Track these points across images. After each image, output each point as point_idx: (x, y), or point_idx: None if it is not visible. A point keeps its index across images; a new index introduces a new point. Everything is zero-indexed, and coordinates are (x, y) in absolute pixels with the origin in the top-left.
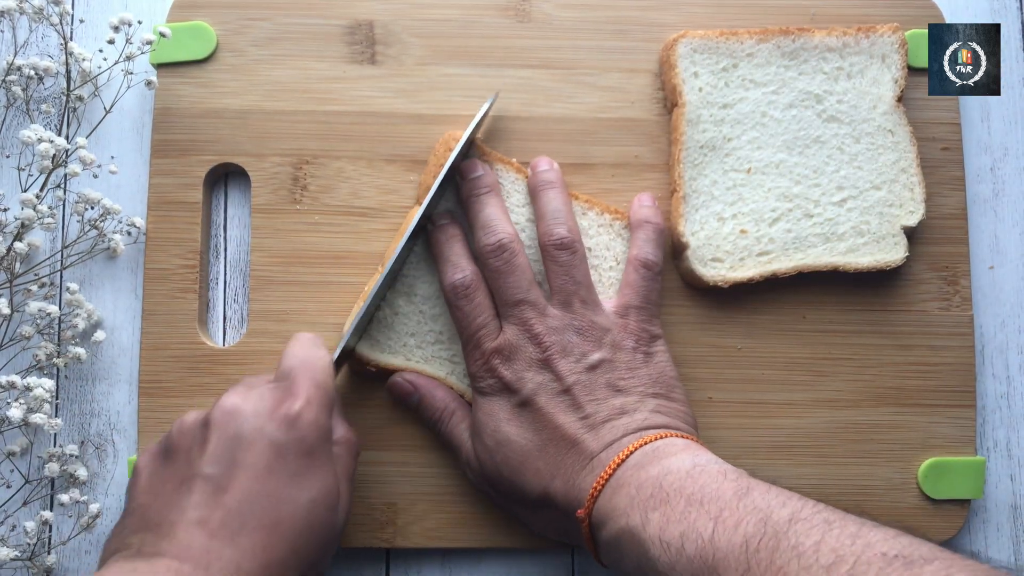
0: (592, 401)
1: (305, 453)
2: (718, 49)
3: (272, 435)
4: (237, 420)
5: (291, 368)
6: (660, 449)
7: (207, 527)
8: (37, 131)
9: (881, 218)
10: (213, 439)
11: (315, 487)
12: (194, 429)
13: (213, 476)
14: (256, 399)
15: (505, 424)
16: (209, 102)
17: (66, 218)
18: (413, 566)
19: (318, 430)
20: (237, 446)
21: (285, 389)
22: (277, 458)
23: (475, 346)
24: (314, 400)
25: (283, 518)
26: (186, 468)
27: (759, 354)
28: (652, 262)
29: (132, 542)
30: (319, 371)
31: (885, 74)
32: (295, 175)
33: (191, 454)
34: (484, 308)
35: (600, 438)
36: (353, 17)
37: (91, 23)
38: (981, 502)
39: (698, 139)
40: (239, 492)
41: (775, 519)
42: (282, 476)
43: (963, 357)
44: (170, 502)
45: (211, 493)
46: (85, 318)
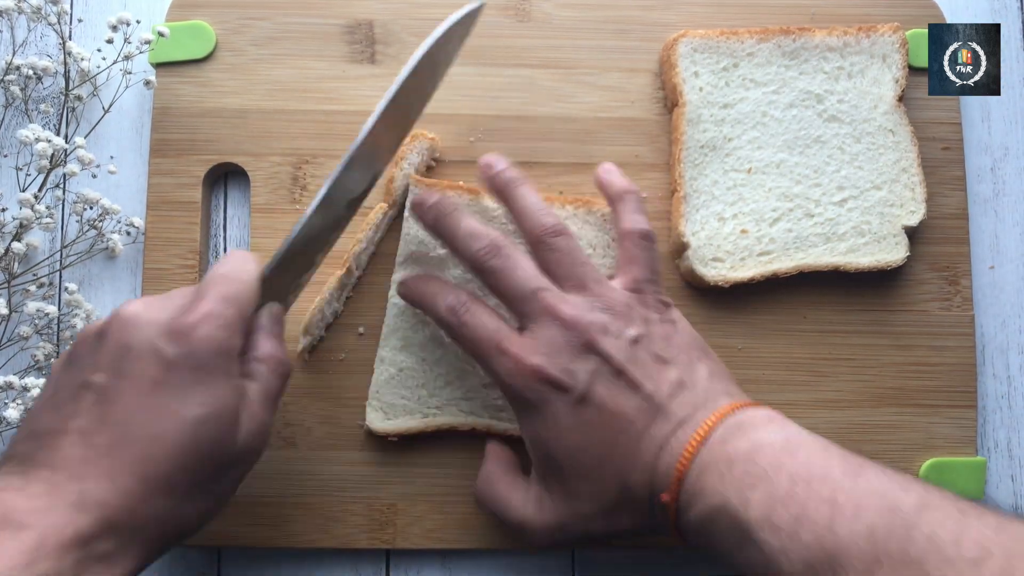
0: (648, 378)
1: (195, 368)
2: (719, 49)
3: (161, 348)
4: (129, 329)
5: (206, 280)
6: (743, 422)
7: (87, 437)
8: (36, 131)
9: (882, 218)
10: (106, 347)
11: (204, 405)
12: (91, 336)
13: (99, 386)
14: (158, 309)
15: (570, 433)
16: (208, 102)
17: (65, 218)
18: (413, 567)
19: (214, 344)
20: (126, 355)
21: (188, 302)
22: (165, 371)
23: (500, 352)
24: (214, 313)
25: (165, 433)
26: (79, 376)
27: (760, 354)
28: (647, 231)
29: (17, 451)
30: (235, 284)
31: (886, 74)
32: (295, 175)
33: (84, 361)
34: (490, 314)
35: (670, 417)
36: (353, 16)
37: (89, 23)
38: (982, 502)
39: (699, 139)
40: (122, 403)
41: (902, 506)
42: (168, 390)
43: (964, 357)
44: (58, 411)
45: (95, 403)
46: (84, 318)
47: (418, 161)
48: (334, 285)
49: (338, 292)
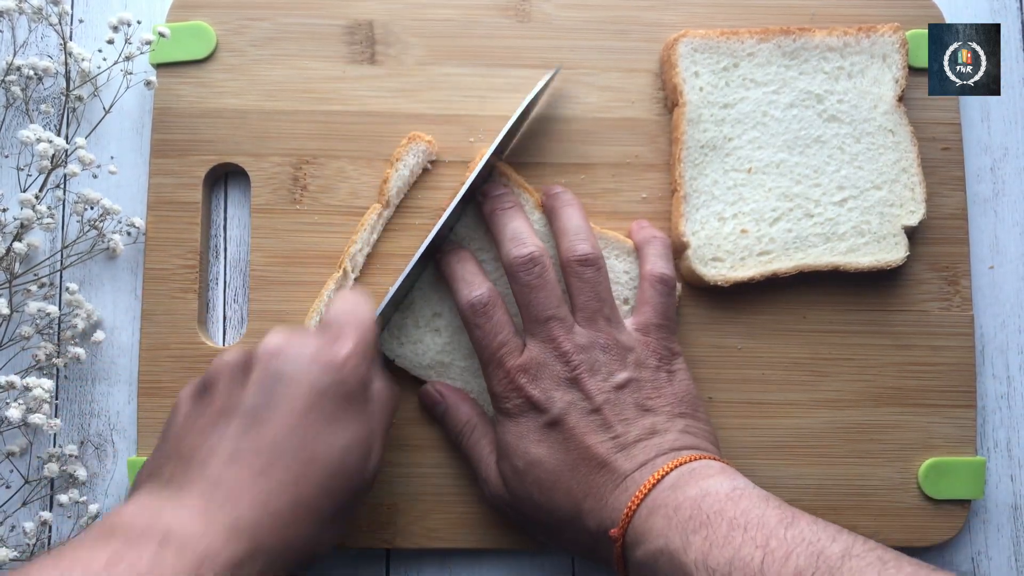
0: (622, 421)
1: (344, 398)
2: (719, 48)
3: (314, 376)
4: (280, 359)
5: (336, 317)
6: (696, 471)
7: (240, 460)
8: (36, 131)
9: (882, 218)
10: (255, 375)
11: (350, 433)
12: (235, 364)
13: (251, 410)
14: (300, 342)
15: (535, 445)
16: (209, 102)
17: (65, 218)
18: (413, 567)
19: (359, 378)
20: (278, 383)
21: (331, 336)
22: (317, 399)
23: (497, 365)
24: (358, 349)
25: (316, 457)
26: (224, 401)
27: (759, 354)
28: (668, 277)
29: (163, 471)
30: (364, 322)
31: (886, 74)
32: (295, 175)
33: (231, 388)
34: (504, 325)
35: (632, 458)
36: (353, 17)
37: (90, 23)
38: (981, 502)
39: (699, 139)
40: (275, 428)
41: (828, 554)
42: (320, 417)
43: (963, 357)
44: (205, 434)
45: (247, 427)
46: (84, 318)
47: (414, 163)
48: (331, 287)
49: (335, 293)
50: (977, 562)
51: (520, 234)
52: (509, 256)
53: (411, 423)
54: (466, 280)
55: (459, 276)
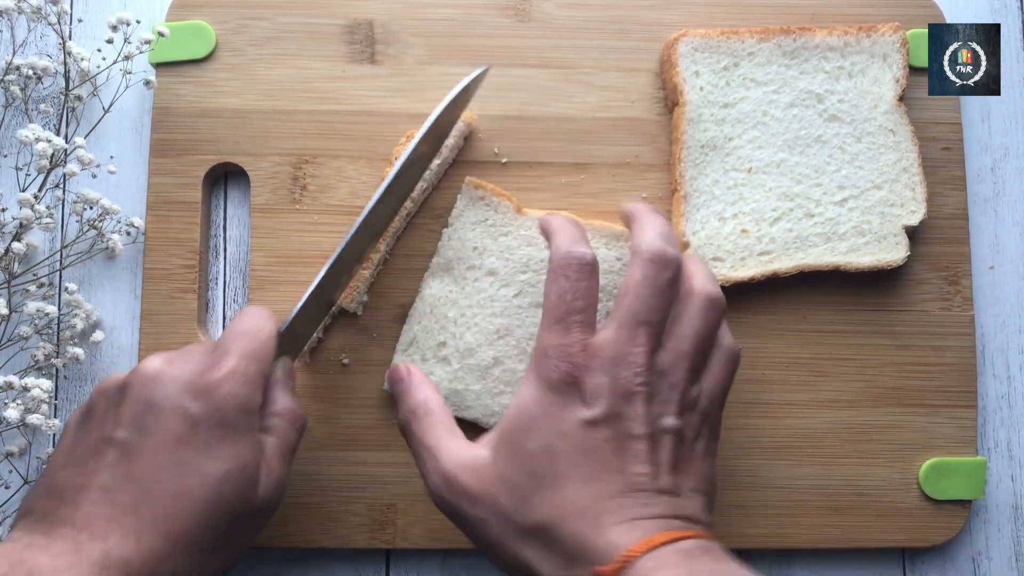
0: (655, 463)
1: (219, 424)
2: (719, 48)
3: (186, 404)
4: (152, 386)
5: (226, 337)
6: (712, 550)
7: (110, 494)
8: (35, 131)
9: (882, 218)
10: (127, 404)
11: (229, 460)
12: (111, 391)
13: (122, 442)
14: (180, 365)
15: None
16: (208, 102)
17: (65, 218)
18: (413, 567)
19: (238, 402)
20: (149, 412)
21: (211, 359)
22: (189, 428)
23: (564, 326)
24: (239, 371)
25: (190, 489)
26: (99, 432)
27: (760, 354)
28: (736, 351)
29: (36, 508)
30: (256, 341)
31: (886, 73)
32: (295, 175)
33: (106, 417)
34: (592, 295)
35: (648, 505)
36: (352, 16)
37: (89, 22)
38: (982, 502)
39: (699, 138)
40: (146, 462)
41: None
42: (193, 447)
43: (964, 357)
44: (79, 467)
45: (119, 459)
46: (84, 318)
47: None
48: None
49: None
50: (978, 562)
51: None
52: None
53: None
54: (572, 237)
55: (564, 230)
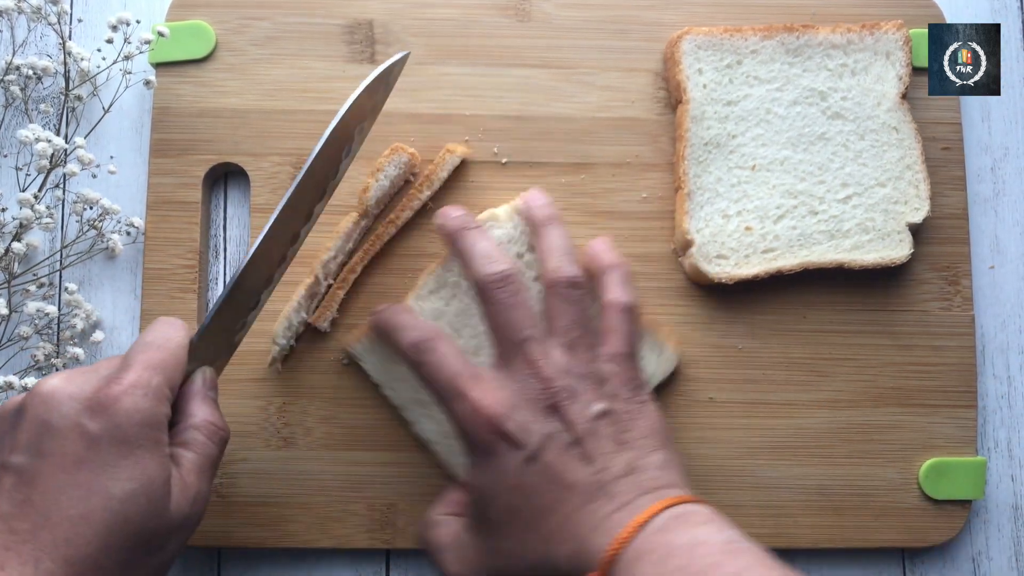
0: (601, 455)
1: (120, 442)
2: (722, 46)
3: (82, 422)
4: (48, 406)
5: (131, 349)
6: (684, 516)
7: (7, 522)
8: (35, 131)
9: (886, 215)
10: (23, 426)
11: (133, 479)
12: (8, 415)
13: (19, 468)
14: (80, 382)
15: (512, 493)
16: (208, 101)
17: (65, 218)
18: (413, 567)
19: (140, 416)
20: (46, 434)
21: (111, 374)
22: (87, 447)
23: (458, 396)
24: (140, 384)
25: (91, 511)
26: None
27: (760, 354)
28: (634, 305)
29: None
30: (161, 352)
31: (889, 71)
32: (294, 175)
33: (2, 442)
34: (455, 357)
35: (612, 497)
36: (352, 16)
37: (89, 22)
38: (982, 503)
39: (703, 136)
40: (44, 485)
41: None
42: (93, 467)
43: (964, 357)
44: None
45: (14, 485)
46: (84, 318)
47: (395, 174)
48: (303, 293)
49: (307, 301)
50: (978, 562)
51: (491, 252)
52: (481, 273)
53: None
54: (404, 327)
55: (396, 325)
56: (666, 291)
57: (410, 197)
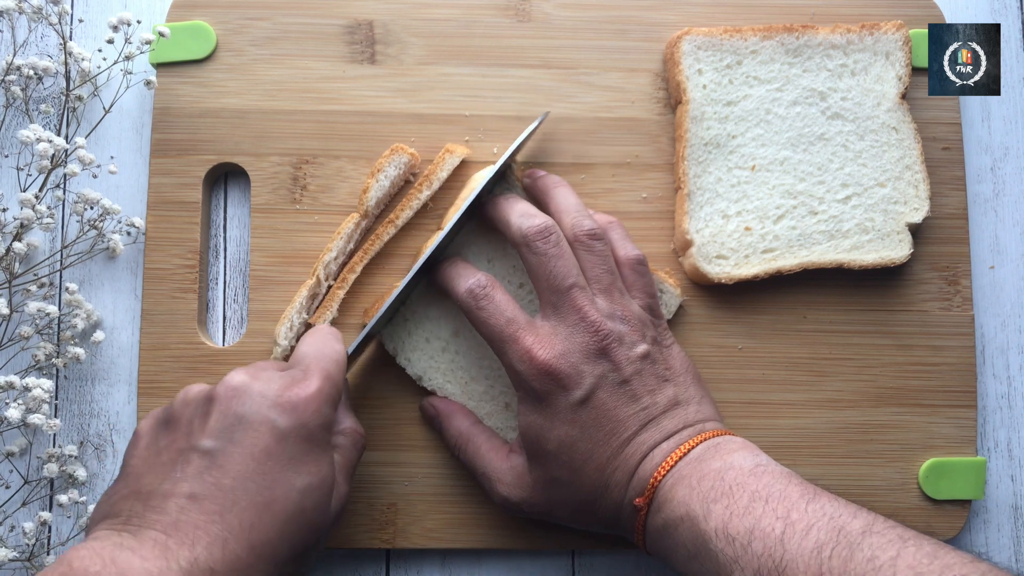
0: (649, 392)
1: (305, 439)
2: (722, 46)
3: (275, 418)
4: (241, 398)
5: (304, 356)
6: (720, 445)
7: (198, 502)
8: (36, 131)
9: (886, 215)
10: (215, 414)
11: (311, 474)
12: (197, 401)
13: (210, 451)
14: (265, 380)
15: (566, 426)
16: (208, 102)
17: (65, 218)
18: (413, 566)
19: (321, 419)
20: (238, 424)
21: (295, 376)
22: (277, 441)
23: (512, 341)
24: (322, 390)
25: (275, 500)
26: (184, 440)
27: (760, 354)
28: (643, 257)
29: (122, 509)
30: (331, 362)
31: (889, 71)
32: (295, 175)
33: (192, 426)
34: (508, 302)
35: (661, 429)
36: (353, 17)
37: (90, 23)
38: (982, 502)
39: (702, 136)
40: (234, 470)
41: (848, 529)
42: (279, 460)
43: (964, 357)
44: (164, 473)
45: (206, 468)
46: (84, 318)
47: (395, 175)
48: (304, 294)
49: (308, 302)
50: None
51: (530, 209)
52: (522, 229)
53: (411, 423)
54: (460, 274)
55: (452, 274)
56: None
57: (409, 197)
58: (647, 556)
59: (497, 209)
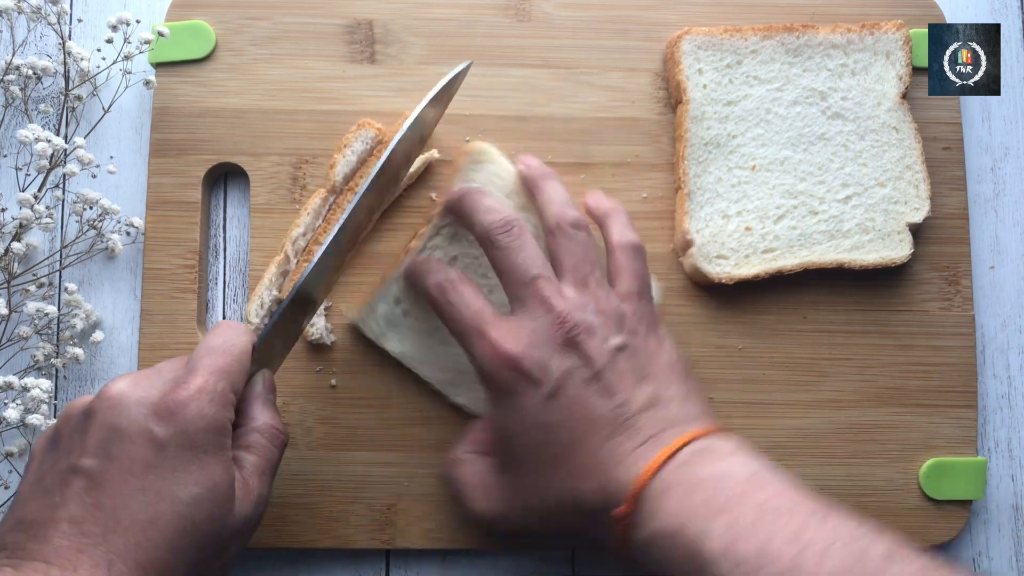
0: (623, 388)
1: (187, 447)
2: (722, 46)
3: (150, 428)
4: (117, 410)
5: (195, 354)
6: (710, 448)
7: (78, 525)
8: (35, 131)
9: (886, 215)
10: (92, 430)
11: (198, 484)
12: (77, 417)
13: (89, 471)
14: (146, 386)
15: (534, 427)
16: (208, 101)
17: (64, 218)
18: (413, 567)
19: (206, 422)
20: (115, 438)
21: (178, 377)
22: (156, 452)
23: (478, 335)
24: (207, 389)
25: (160, 515)
26: (67, 459)
27: (760, 354)
28: (638, 243)
29: (7, 542)
30: (227, 357)
31: (889, 71)
32: (294, 175)
33: (72, 443)
34: (475, 296)
35: (638, 431)
36: (352, 16)
37: (89, 22)
38: (982, 503)
39: (702, 136)
40: (113, 489)
41: (871, 555)
42: (161, 471)
43: (964, 357)
44: (47, 499)
45: (85, 489)
46: (83, 318)
47: (363, 149)
48: (274, 271)
49: (278, 278)
50: (978, 562)
51: (492, 204)
52: (483, 224)
53: (411, 423)
54: (429, 269)
55: (422, 270)
56: (666, 291)
57: (368, 164)
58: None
59: (463, 204)
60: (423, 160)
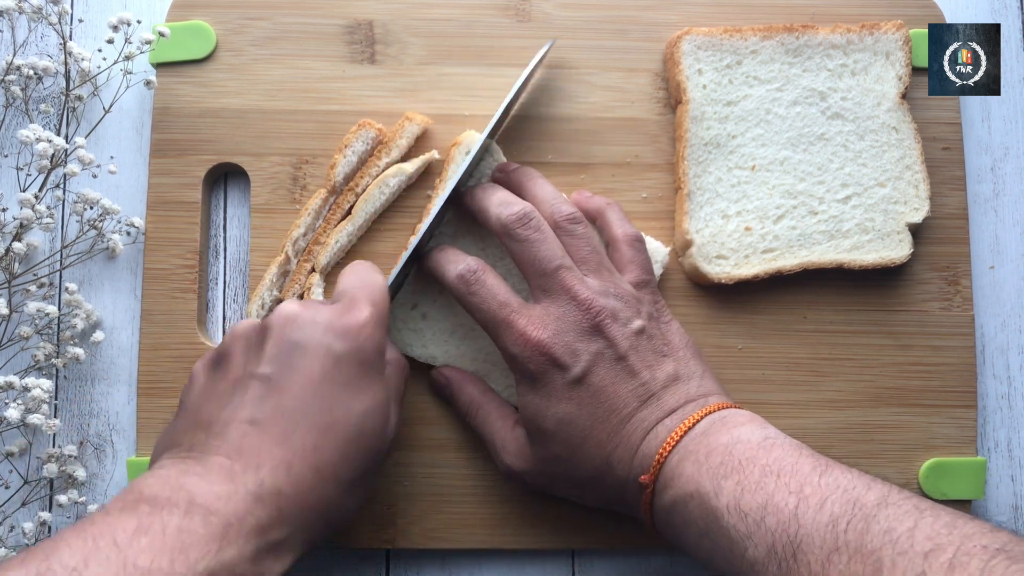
0: (647, 367)
1: (360, 364)
2: (722, 46)
3: (330, 344)
4: (295, 326)
5: (350, 287)
6: (726, 419)
7: (259, 426)
8: (36, 131)
9: (886, 215)
10: (271, 343)
11: (368, 398)
12: (249, 334)
13: (268, 377)
14: (315, 310)
15: (563, 404)
16: (208, 102)
17: (65, 218)
18: (413, 567)
19: (374, 345)
20: (294, 350)
21: (344, 304)
22: (334, 366)
23: (505, 325)
24: (373, 316)
25: (335, 423)
26: (240, 370)
27: (760, 354)
28: (638, 235)
29: (183, 441)
30: (376, 291)
31: (889, 71)
32: (295, 175)
33: (247, 356)
34: (499, 286)
35: (662, 405)
36: (353, 16)
37: (90, 23)
38: (982, 503)
39: (702, 136)
40: (293, 394)
41: (863, 501)
42: (337, 384)
43: (964, 357)
44: (223, 402)
45: (265, 393)
46: (84, 318)
47: (363, 150)
48: (274, 271)
49: (278, 278)
50: None
51: (508, 197)
52: (500, 218)
53: (411, 423)
54: (449, 260)
55: (442, 260)
56: (666, 291)
57: (368, 164)
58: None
59: (475, 200)
60: (423, 160)
